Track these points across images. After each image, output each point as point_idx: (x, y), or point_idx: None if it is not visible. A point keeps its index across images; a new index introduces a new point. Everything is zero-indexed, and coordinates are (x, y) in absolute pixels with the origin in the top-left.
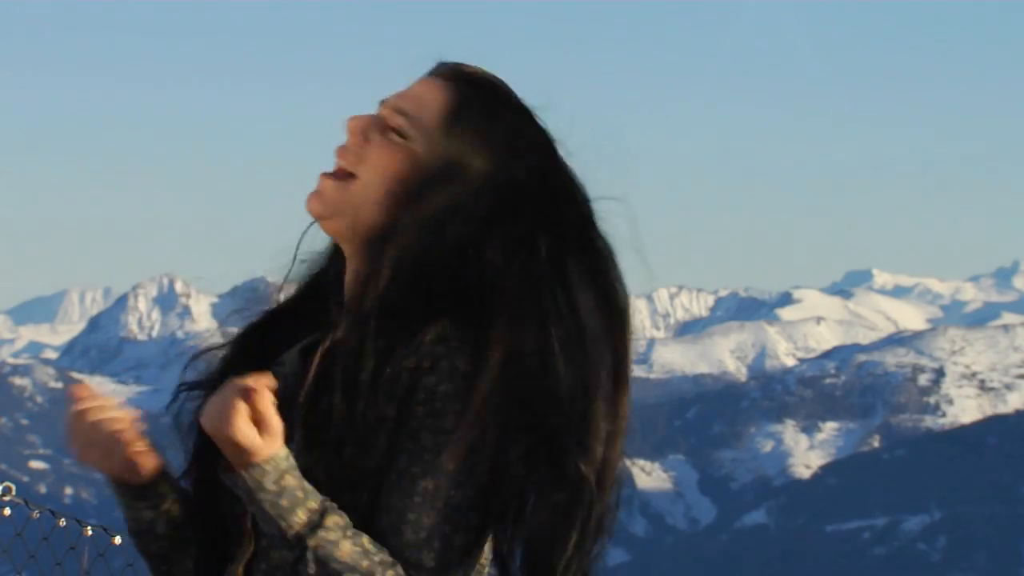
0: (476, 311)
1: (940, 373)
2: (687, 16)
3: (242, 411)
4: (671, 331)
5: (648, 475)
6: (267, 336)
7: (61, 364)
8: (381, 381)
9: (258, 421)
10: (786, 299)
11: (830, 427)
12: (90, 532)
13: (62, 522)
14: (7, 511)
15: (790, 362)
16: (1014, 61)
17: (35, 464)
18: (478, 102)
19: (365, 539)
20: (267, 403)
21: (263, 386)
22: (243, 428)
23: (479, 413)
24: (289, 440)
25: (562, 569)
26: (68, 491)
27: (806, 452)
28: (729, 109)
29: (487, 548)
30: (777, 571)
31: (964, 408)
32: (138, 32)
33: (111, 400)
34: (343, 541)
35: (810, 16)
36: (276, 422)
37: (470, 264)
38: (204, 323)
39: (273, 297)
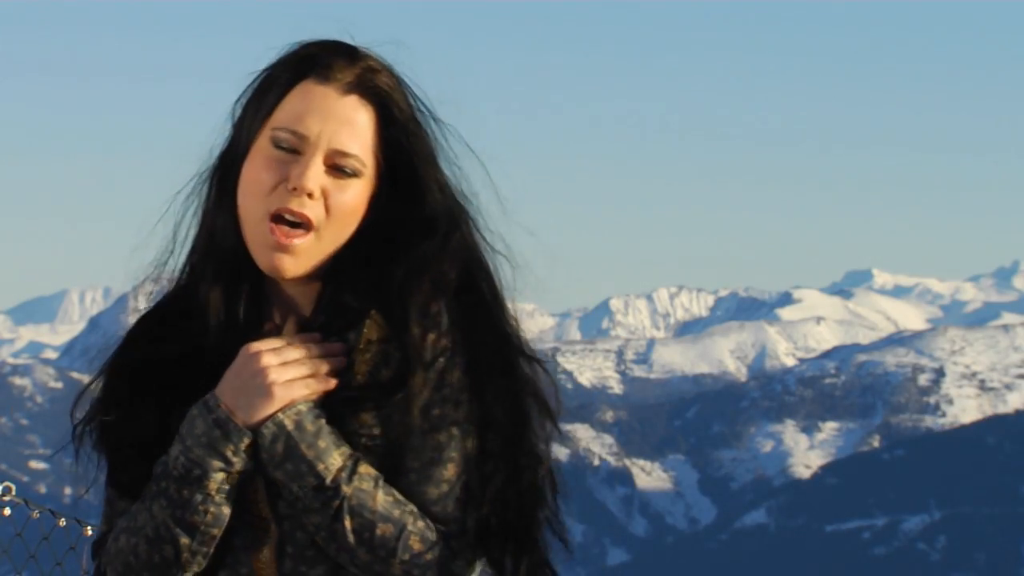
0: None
1: (940, 373)
2: (688, 16)
3: (279, 357)
4: (671, 331)
5: (648, 475)
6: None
7: (61, 364)
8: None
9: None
10: (786, 299)
11: (830, 427)
12: (90, 532)
13: (62, 522)
14: (7, 511)
15: (790, 362)
16: (1015, 61)
17: (35, 464)
18: (400, 117)
19: (394, 491)
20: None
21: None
22: (281, 371)
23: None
24: None
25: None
26: (68, 491)
27: (806, 452)
28: (729, 109)
29: None
30: (777, 571)
31: (964, 408)
32: (137, 32)
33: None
34: (376, 491)
35: (812, 17)
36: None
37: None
38: None
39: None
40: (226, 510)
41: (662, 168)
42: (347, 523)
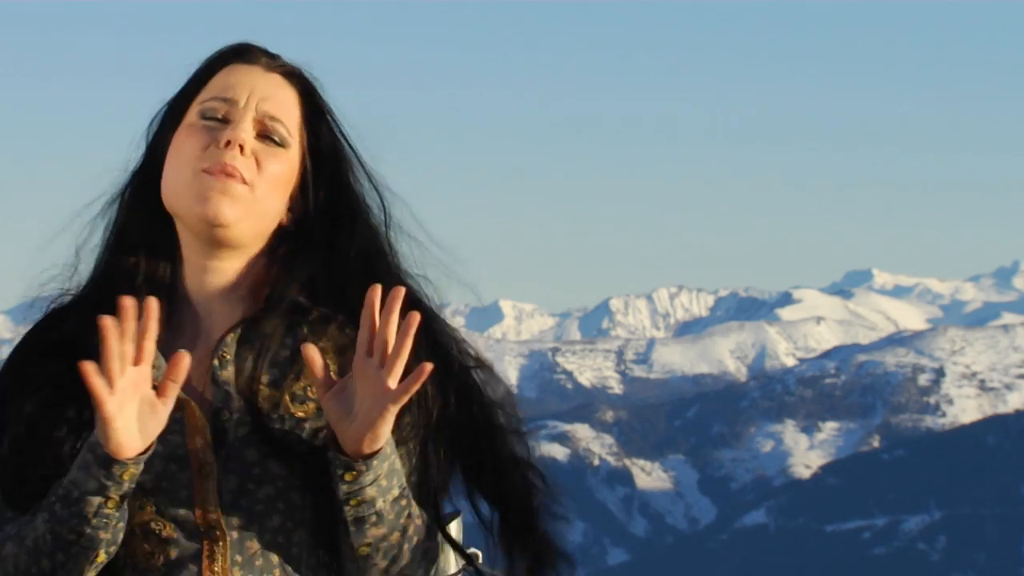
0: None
1: (940, 373)
2: (689, 16)
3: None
4: (671, 331)
5: (648, 475)
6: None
7: None
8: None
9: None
10: (786, 299)
11: (830, 427)
12: None
13: None
14: None
15: (790, 362)
16: (1015, 61)
17: None
18: (318, 99)
19: None
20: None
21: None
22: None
23: None
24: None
25: None
26: None
27: (806, 452)
28: (729, 110)
29: None
30: (777, 571)
31: (964, 408)
32: (136, 32)
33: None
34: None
35: (812, 17)
36: None
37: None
38: None
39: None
40: (103, 534)
41: (663, 168)
42: (412, 525)
